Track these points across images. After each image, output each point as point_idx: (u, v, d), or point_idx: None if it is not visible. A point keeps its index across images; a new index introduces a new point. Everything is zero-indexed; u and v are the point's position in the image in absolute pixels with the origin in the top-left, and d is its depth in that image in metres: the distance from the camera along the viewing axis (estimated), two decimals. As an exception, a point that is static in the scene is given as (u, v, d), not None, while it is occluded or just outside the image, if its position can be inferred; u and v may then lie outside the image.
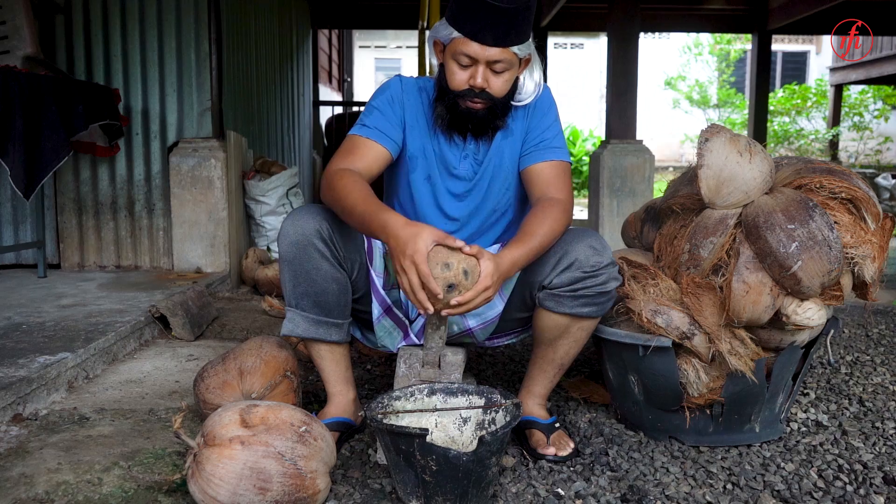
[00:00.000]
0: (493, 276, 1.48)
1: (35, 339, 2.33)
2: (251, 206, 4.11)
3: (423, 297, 1.45)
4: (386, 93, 1.79)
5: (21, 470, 1.60)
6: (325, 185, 1.65)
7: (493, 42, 1.60)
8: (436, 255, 1.45)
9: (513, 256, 1.56)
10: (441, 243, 1.46)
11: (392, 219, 1.49)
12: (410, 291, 1.46)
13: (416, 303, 1.47)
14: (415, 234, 1.45)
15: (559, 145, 1.79)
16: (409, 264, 1.44)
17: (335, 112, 7.77)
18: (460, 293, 1.46)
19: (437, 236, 1.46)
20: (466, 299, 1.46)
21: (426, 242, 1.45)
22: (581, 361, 2.44)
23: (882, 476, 1.65)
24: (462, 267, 1.46)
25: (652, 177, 5.14)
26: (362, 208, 1.54)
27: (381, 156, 1.73)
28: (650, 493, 1.58)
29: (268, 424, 1.43)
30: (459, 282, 1.45)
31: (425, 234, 1.45)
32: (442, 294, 1.44)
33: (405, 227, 1.47)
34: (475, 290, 1.47)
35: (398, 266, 1.46)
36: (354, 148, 1.72)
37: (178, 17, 3.75)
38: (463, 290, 1.46)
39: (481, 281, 1.47)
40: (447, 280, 1.44)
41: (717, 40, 13.97)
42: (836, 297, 1.73)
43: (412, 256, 1.43)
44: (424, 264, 1.43)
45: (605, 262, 1.65)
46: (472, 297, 1.47)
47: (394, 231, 1.47)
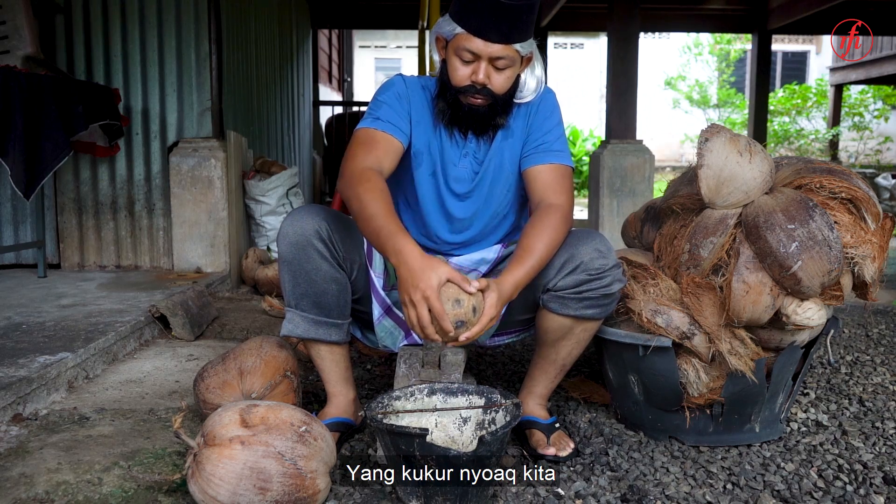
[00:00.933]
0: (496, 306, 1.49)
1: (35, 339, 2.33)
2: (251, 205, 4.11)
3: (431, 333, 1.44)
4: (392, 89, 1.79)
5: (21, 470, 1.60)
6: (349, 181, 1.61)
7: (497, 39, 1.61)
8: (446, 290, 1.44)
9: (514, 279, 1.56)
10: (453, 280, 1.45)
11: (408, 247, 1.46)
12: (418, 326, 1.45)
13: (423, 337, 1.46)
14: (429, 268, 1.43)
15: (561, 149, 1.79)
16: (419, 299, 1.42)
17: (335, 112, 7.77)
18: (468, 329, 1.46)
19: (450, 274, 1.45)
20: (473, 334, 1.47)
21: (440, 279, 1.43)
22: (581, 361, 2.44)
23: (882, 476, 1.65)
24: (472, 304, 1.46)
25: (652, 177, 5.14)
26: (381, 223, 1.51)
27: (397, 149, 1.72)
28: (650, 492, 1.58)
29: (268, 424, 1.43)
30: (468, 319, 1.45)
31: (440, 270, 1.44)
32: (453, 332, 1.44)
33: (420, 259, 1.44)
34: (481, 324, 1.47)
35: (406, 298, 1.45)
36: (375, 142, 1.69)
37: (178, 17, 3.75)
38: (470, 326, 1.46)
39: (486, 312, 1.48)
40: (457, 317, 1.44)
41: (717, 40, 13.97)
42: (836, 297, 1.73)
43: (424, 291, 1.42)
44: (438, 302, 1.42)
45: (611, 265, 1.65)
46: (478, 331, 1.48)
47: (408, 261, 1.45)
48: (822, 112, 13.07)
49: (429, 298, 1.42)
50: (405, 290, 1.45)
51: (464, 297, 1.45)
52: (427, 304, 1.42)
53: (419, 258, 1.45)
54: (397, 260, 1.47)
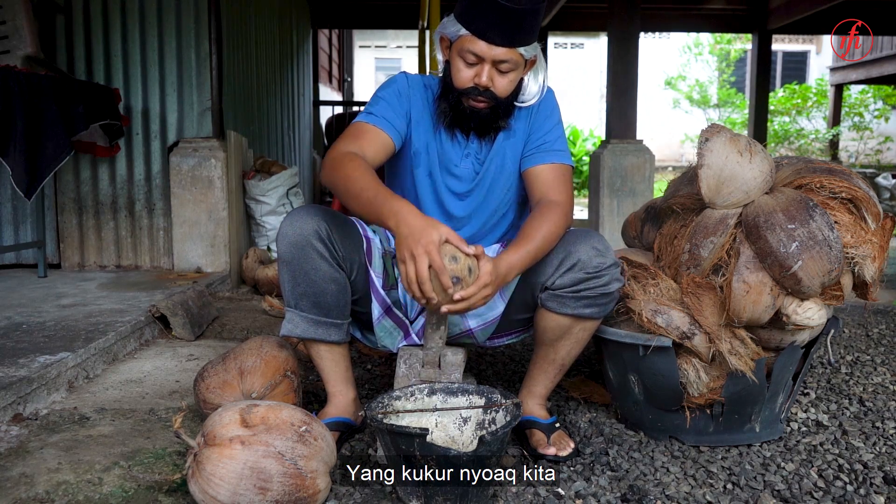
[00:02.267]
0: (492, 274, 1.49)
1: (35, 339, 2.33)
2: (251, 205, 4.11)
3: (428, 288, 1.44)
4: (393, 86, 1.79)
5: (21, 470, 1.60)
6: (330, 165, 1.62)
7: (501, 42, 1.60)
8: (444, 248, 1.46)
9: (510, 260, 1.56)
10: (451, 240, 1.46)
11: (405, 206, 1.48)
12: (415, 280, 1.44)
13: (419, 293, 1.45)
14: (430, 225, 1.44)
15: (561, 148, 1.79)
16: (421, 253, 1.42)
17: (335, 112, 7.77)
18: (463, 289, 1.46)
19: (449, 233, 1.46)
20: (469, 294, 1.46)
21: (441, 235, 1.44)
22: (581, 361, 2.44)
23: (882, 476, 1.65)
24: (467, 263, 1.46)
25: (652, 176, 5.14)
26: (372, 193, 1.52)
27: (387, 145, 1.73)
28: (650, 492, 1.58)
29: (268, 424, 1.43)
30: (464, 277, 1.46)
31: (441, 228, 1.45)
32: (452, 287, 1.44)
33: (420, 217, 1.46)
34: (476, 285, 1.47)
35: (406, 254, 1.44)
36: (361, 133, 1.70)
37: (178, 17, 3.75)
38: (465, 286, 1.47)
39: (482, 278, 1.47)
40: (454, 272, 1.44)
41: (718, 40, 13.97)
42: (836, 297, 1.73)
43: (426, 246, 1.42)
44: (439, 256, 1.42)
45: (608, 264, 1.65)
46: (474, 292, 1.47)
47: (407, 219, 1.45)
48: (822, 112, 13.07)
49: (430, 252, 1.42)
50: (405, 245, 1.45)
51: (460, 255, 1.46)
52: (428, 257, 1.42)
53: (419, 216, 1.46)
54: (396, 220, 1.47)
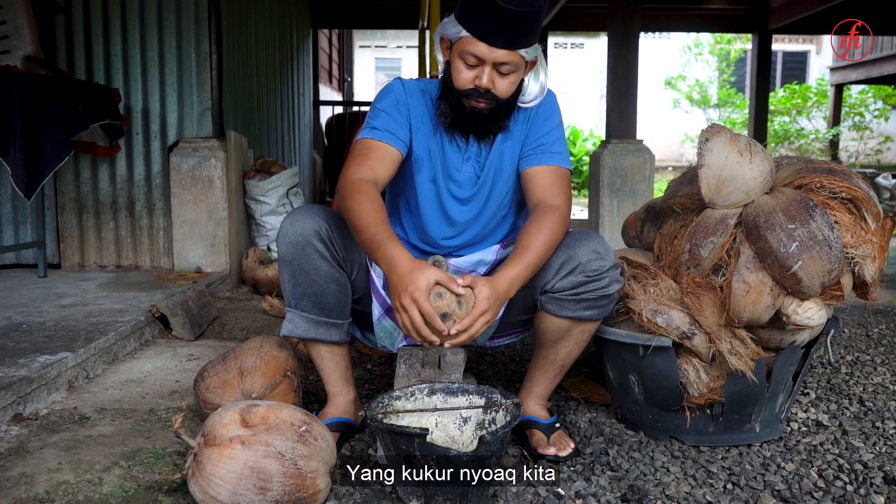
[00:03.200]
0: (489, 299, 1.48)
1: (35, 339, 2.33)
2: (251, 205, 4.11)
3: (427, 334, 1.44)
4: (391, 95, 1.78)
5: (21, 469, 1.60)
6: (342, 194, 1.63)
7: (502, 44, 1.60)
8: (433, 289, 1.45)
9: (510, 276, 1.55)
10: (441, 282, 1.45)
11: (398, 254, 1.47)
12: (412, 329, 1.45)
13: (418, 338, 1.46)
14: (417, 270, 1.44)
15: (559, 151, 1.78)
16: (408, 301, 1.43)
17: (335, 112, 7.77)
18: (455, 322, 1.46)
19: (438, 276, 1.45)
20: (464, 326, 1.46)
21: (428, 280, 1.44)
22: (581, 361, 2.44)
23: (882, 476, 1.65)
24: (453, 298, 1.46)
25: (652, 176, 5.14)
26: (373, 232, 1.52)
27: (395, 158, 1.73)
28: (650, 492, 1.58)
29: (268, 424, 1.43)
30: (453, 311, 1.45)
31: (428, 272, 1.44)
32: (445, 330, 1.44)
33: (408, 263, 1.45)
34: (471, 316, 1.46)
35: (398, 303, 1.45)
36: (369, 152, 1.70)
37: (178, 17, 3.75)
38: (457, 318, 1.46)
39: (477, 306, 1.46)
40: (439, 309, 1.44)
41: (718, 40, 13.96)
42: (836, 297, 1.73)
43: (412, 293, 1.42)
44: (426, 302, 1.42)
45: (608, 266, 1.65)
46: (470, 323, 1.46)
47: (397, 266, 1.46)
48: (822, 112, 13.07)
49: (417, 300, 1.42)
50: (396, 295, 1.45)
51: (444, 291, 1.46)
52: (416, 305, 1.42)
53: (408, 262, 1.46)
54: (388, 267, 1.47)
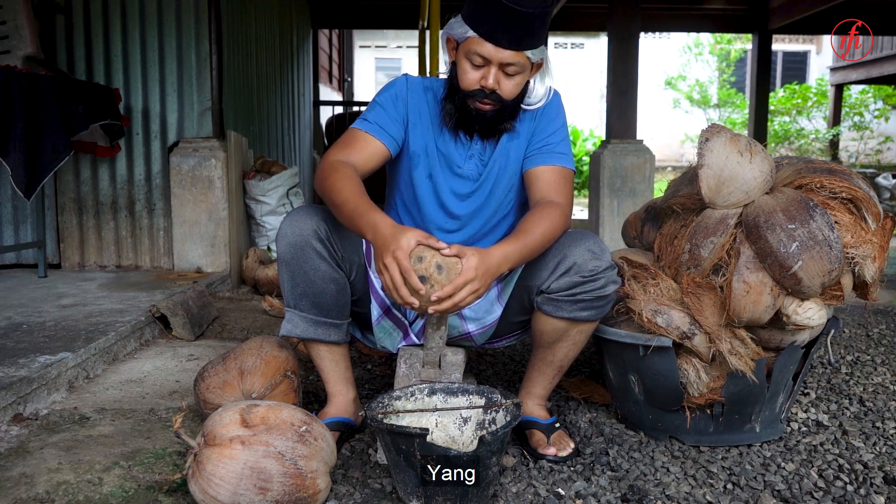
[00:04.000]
0: (476, 269, 1.47)
1: (35, 339, 2.33)
2: (251, 205, 4.11)
3: (405, 293, 1.44)
4: (391, 90, 1.79)
5: (22, 470, 1.60)
6: (320, 175, 1.65)
7: (509, 45, 1.60)
8: (415, 250, 1.47)
9: (504, 251, 1.54)
10: (423, 243, 1.47)
11: (382, 219, 1.50)
12: (392, 287, 1.46)
13: (399, 299, 1.47)
14: (399, 231, 1.47)
15: (563, 151, 1.79)
16: (390, 260, 1.44)
17: (335, 112, 7.77)
18: (433, 286, 1.45)
19: (420, 236, 1.47)
20: (446, 293, 1.45)
21: (409, 240, 1.45)
22: (581, 361, 2.44)
23: (882, 476, 1.65)
24: (435, 261, 1.46)
25: (652, 176, 5.13)
26: (353, 205, 1.54)
27: (379, 151, 1.73)
28: (650, 492, 1.58)
29: (268, 424, 1.43)
30: (431, 275, 1.45)
31: (409, 233, 1.47)
32: (423, 288, 1.44)
33: (392, 227, 1.48)
34: (454, 284, 1.45)
35: (380, 264, 1.47)
36: (353, 140, 1.72)
37: (178, 17, 3.75)
38: (436, 284, 1.45)
39: (464, 273, 1.46)
40: (418, 272, 1.45)
41: (718, 40, 13.96)
42: (836, 297, 1.73)
43: (394, 252, 1.44)
44: (406, 259, 1.44)
45: (604, 266, 1.64)
46: (452, 291, 1.45)
47: (380, 229, 1.48)
48: (822, 112, 13.06)
49: (398, 258, 1.44)
50: (378, 256, 1.48)
51: (426, 255, 1.46)
52: (396, 263, 1.44)
53: (391, 226, 1.48)
54: (372, 232, 1.49)
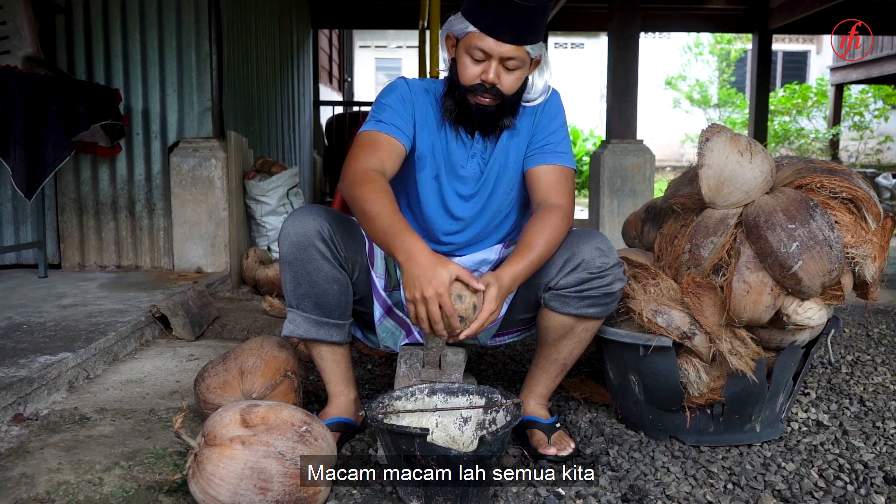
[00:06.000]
0: (496, 299, 1.50)
1: (36, 339, 2.33)
2: (252, 206, 4.11)
3: (440, 329, 1.46)
4: (395, 92, 1.79)
5: (22, 470, 1.60)
6: (350, 181, 1.61)
7: (509, 38, 1.61)
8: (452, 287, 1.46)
9: (514, 272, 1.56)
10: (461, 279, 1.47)
11: (418, 245, 1.46)
12: (428, 322, 1.46)
13: (428, 330, 1.47)
14: (440, 265, 1.44)
15: (564, 150, 1.79)
16: (432, 296, 1.42)
17: (335, 112, 7.76)
18: (467, 326, 1.49)
19: (459, 272, 1.46)
20: (473, 331, 1.49)
21: (450, 276, 1.44)
22: (581, 361, 2.44)
23: (883, 476, 1.65)
24: (472, 301, 1.48)
25: (652, 176, 5.14)
26: (388, 221, 1.51)
27: (401, 152, 1.72)
28: (651, 492, 1.58)
29: (268, 424, 1.43)
30: (468, 315, 1.48)
31: (451, 267, 1.45)
32: (460, 328, 1.47)
33: (430, 257, 1.45)
34: (480, 319, 1.49)
35: (418, 295, 1.44)
36: (378, 144, 1.69)
37: (178, 17, 3.75)
38: (470, 322, 1.49)
39: (485, 307, 1.49)
40: (458, 312, 1.46)
41: (718, 40, 13.96)
42: (836, 297, 1.73)
43: (437, 289, 1.42)
44: (449, 300, 1.43)
45: (612, 264, 1.66)
46: (479, 325, 1.49)
47: (418, 259, 1.45)
48: (822, 112, 13.06)
49: (441, 296, 1.43)
50: (416, 287, 1.44)
51: (465, 294, 1.47)
52: (439, 300, 1.43)
53: (429, 256, 1.46)
54: (406, 257, 1.46)
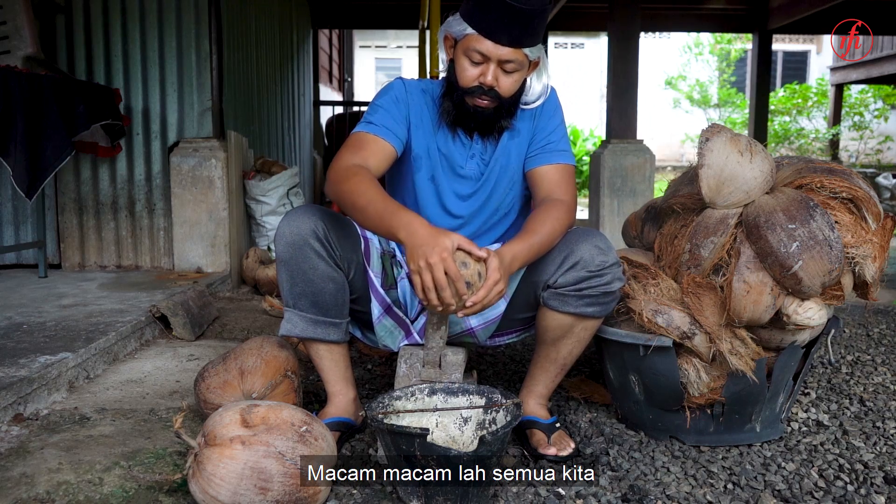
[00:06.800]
0: (499, 269, 1.49)
1: (36, 339, 2.33)
2: (252, 205, 4.11)
3: (447, 296, 1.44)
4: (390, 93, 1.79)
5: (22, 470, 1.60)
6: (335, 179, 1.62)
7: (507, 41, 1.61)
8: (455, 255, 1.47)
9: (513, 250, 1.56)
10: (463, 248, 1.47)
11: (415, 218, 1.49)
12: (433, 289, 1.44)
13: (437, 301, 1.45)
14: (441, 233, 1.46)
15: (564, 148, 1.81)
16: (437, 261, 1.42)
17: (335, 112, 7.76)
18: (474, 293, 1.47)
19: (461, 240, 1.47)
20: (480, 297, 1.47)
21: (453, 242, 1.45)
22: (581, 361, 2.44)
23: (883, 476, 1.65)
24: (476, 269, 1.48)
25: (652, 176, 5.14)
26: (381, 206, 1.52)
27: (389, 153, 1.73)
28: (651, 492, 1.58)
29: (268, 424, 1.43)
30: (474, 282, 1.47)
31: (452, 235, 1.46)
32: (466, 293, 1.46)
33: (429, 227, 1.47)
34: (486, 286, 1.47)
35: (422, 263, 1.44)
36: (363, 143, 1.70)
37: (178, 17, 3.75)
38: (476, 290, 1.48)
39: (491, 276, 1.48)
40: (465, 277, 1.46)
41: (718, 40, 13.96)
42: (836, 297, 1.73)
43: (441, 254, 1.42)
44: (453, 263, 1.43)
45: (610, 262, 1.66)
46: (485, 294, 1.47)
47: (419, 230, 1.46)
48: (822, 112, 13.06)
49: (445, 260, 1.43)
50: (419, 255, 1.44)
51: (469, 261, 1.47)
52: (444, 265, 1.43)
53: (430, 227, 1.47)
54: (407, 232, 1.47)
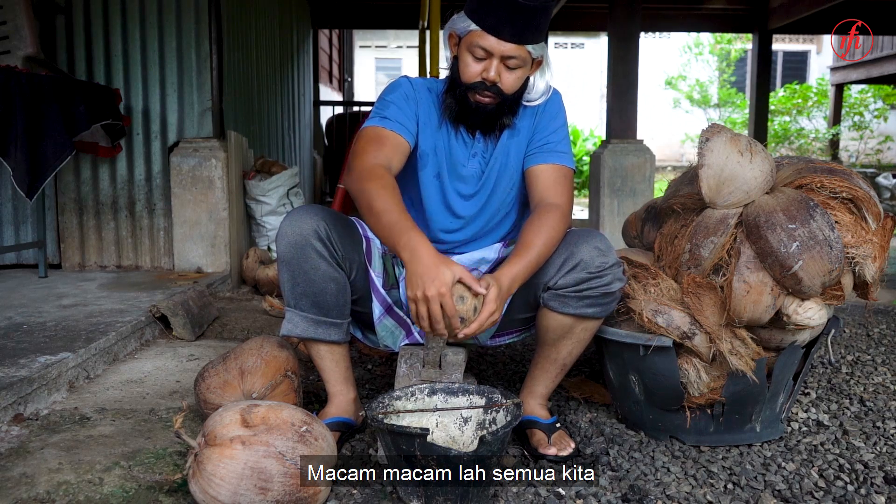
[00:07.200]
0: (496, 300, 1.51)
1: (36, 339, 2.33)
2: (252, 205, 4.11)
3: (441, 329, 1.47)
4: (399, 90, 1.80)
5: (22, 470, 1.60)
6: (357, 176, 1.62)
7: (511, 38, 1.63)
8: (454, 288, 1.48)
9: (512, 273, 1.57)
10: (464, 281, 1.48)
11: (422, 244, 1.48)
12: (429, 321, 1.47)
13: (427, 329, 1.49)
14: (443, 265, 1.46)
15: (564, 150, 1.80)
16: (434, 296, 1.44)
17: (335, 112, 7.77)
18: (467, 326, 1.50)
19: (462, 273, 1.48)
20: (472, 331, 1.50)
21: (453, 276, 1.46)
22: (581, 361, 2.44)
23: (883, 476, 1.65)
24: (473, 304, 1.49)
25: (652, 176, 5.14)
26: (394, 218, 1.53)
27: (405, 150, 1.74)
28: (651, 492, 1.58)
29: (268, 424, 1.43)
30: (469, 317, 1.49)
31: (454, 268, 1.47)
32: (460, 328, 1.49)
33: (435, 257, 1.47)
34: (479, 320, 1.50)
35: (420, 294, 1.46)
36: (383, 139, 1.70)
37: (178, 17, 3.75)
38: (470, 323, 1.50)
39: (485, 308, 1.50)
40: (460, 313, 1.48)
41: (718, 40, 13.96)
42: (836, 297, 1.73)
43: (440, 289, 1.44)
44: (451, 301, 1.45)
45: (611, 263, 1.66)
46: (477, 327, 1.50)
47: (422, 258, 1.46)
48: (822, 112, 13.06)
49: (444, 296, 1.44)
50: (418, 285, 1.46)
51: (467, 296, 1.49)
52: (441, 300, 1.44)
53: (434, 255, 1.47)
54: (411, 256, 1.48)
